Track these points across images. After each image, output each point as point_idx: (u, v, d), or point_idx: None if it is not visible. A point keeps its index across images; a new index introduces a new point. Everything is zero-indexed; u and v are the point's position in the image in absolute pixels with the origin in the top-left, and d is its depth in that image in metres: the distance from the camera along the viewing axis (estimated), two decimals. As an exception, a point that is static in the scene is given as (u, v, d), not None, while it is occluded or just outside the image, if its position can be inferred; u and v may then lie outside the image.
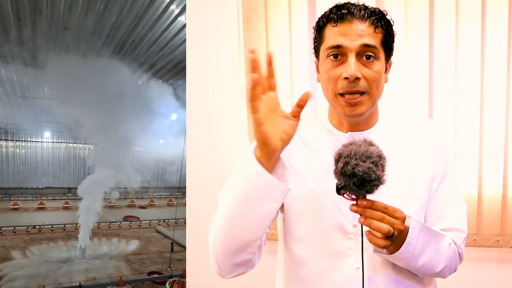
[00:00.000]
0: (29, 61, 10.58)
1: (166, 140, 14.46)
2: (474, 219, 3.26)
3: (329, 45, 1.53)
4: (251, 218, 1.43)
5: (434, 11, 3.24)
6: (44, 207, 14.03)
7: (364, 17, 1.51)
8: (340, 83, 1.51)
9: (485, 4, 3.16)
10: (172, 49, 10.46)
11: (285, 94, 3.43)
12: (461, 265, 1.68)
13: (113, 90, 9.99)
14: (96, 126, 10.42)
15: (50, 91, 12.61)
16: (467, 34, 3.21)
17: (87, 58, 9.94)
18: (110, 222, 12.41)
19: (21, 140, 16.09)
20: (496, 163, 3.23)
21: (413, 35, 3.26)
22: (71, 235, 10.70)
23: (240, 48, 3.55)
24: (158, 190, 18.97)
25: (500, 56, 3.18)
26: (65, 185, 17.04)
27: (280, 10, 3.39)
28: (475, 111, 3.24)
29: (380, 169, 1.27)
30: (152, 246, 10.51)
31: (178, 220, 12.79)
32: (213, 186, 3.69)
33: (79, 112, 10.66)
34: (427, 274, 1.61)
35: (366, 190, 1.29)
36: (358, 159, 1.26)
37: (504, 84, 3.19)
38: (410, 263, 1.50)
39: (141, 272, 8.40)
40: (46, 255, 9.29)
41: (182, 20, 8.72)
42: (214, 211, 3.82)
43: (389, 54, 1.61)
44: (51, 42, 9.63)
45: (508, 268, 3.36)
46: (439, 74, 3.28)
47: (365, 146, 1.29)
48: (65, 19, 8.56)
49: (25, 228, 11.19)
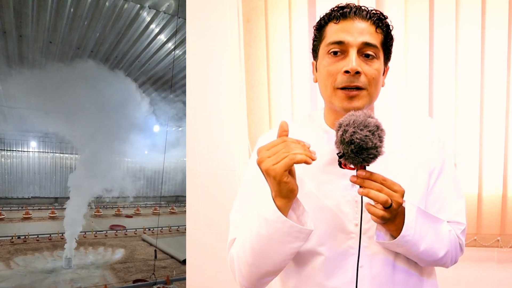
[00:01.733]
0: (15, 70, 10.58)
1: (150, 151, 14.50)
2: (474, 219, 3.28)
3: (331, 41, 1.55)
4: (277, 255, 1.49)
5: (434, 11, 3.27)
6: (30, 217, 13.88)
7: (366, 16, 1.54)
8: (339, 77, 1.52)
9: (485, 4, 3.20)
10: (153, 65, 10.62)
11: (285, 94, 3.43)
12: (461, 265, 1.69)
13: (100, 100, 9.97)
14: (81, 136, 10.37)
15: (36, 102, 12.55)
16: (467, 34, 3.24)
17: (74, 68, 9.94)
18: (96, 231, 12.31)
19: (6, 150, 15.97)
20: (496, 163, 3.25)
21: (413, 35, 3.28)
22: (57, 245, 10.58)
23: (240, 48, 3.54)
24: (144, 199, 18.96)
25: (500, 56, 3.21)
26: (52, 195, 16.86)
27: (280, 10, 3.40)
28: (475, 111, 3.26)
29: (377, 139, 1.31)
30: (137, 254, 10.43)
31: (162, 229, 12.94)
32: (213, 186, 3.69)
33: (65, 122, 10.61)
34: (430, 262, 1.60)
35: (363, 159, 1.33)
36: (356, 127, 1.32)
37: (504, 84, 3.22)
38: (412, 249, 1.50)
39: (127, 280, 8.34)
40: (31, 266, 9.16)
41: (162, 38, 8.89)
42: (214, 211, 3.82)
43: (388, 57, 1.64)
44: (37, 54, 9.65)
45: (508, 268, 3.37)
46: (439, 74, 3.30)
47: (363, 116, 1.33)
48: (50, 34, 8.67)
49: (9, 239, 11.05)
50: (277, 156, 1.32)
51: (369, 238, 1.57)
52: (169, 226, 13.39)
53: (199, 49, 3.65)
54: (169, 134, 12.47)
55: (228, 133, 3.65)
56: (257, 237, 1.47)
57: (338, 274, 1.59)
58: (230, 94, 3.62)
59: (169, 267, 9.28)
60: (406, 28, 3.27)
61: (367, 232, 1.57)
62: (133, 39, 8.98)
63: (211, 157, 3.72)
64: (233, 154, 3.64)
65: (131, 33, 8.67)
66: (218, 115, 3.67)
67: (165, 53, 9.71)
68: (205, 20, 3.61)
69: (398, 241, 1.47)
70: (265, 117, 3.47)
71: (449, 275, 3.39)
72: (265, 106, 3.46)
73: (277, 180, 1.34)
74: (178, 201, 18.67)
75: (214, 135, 3.70)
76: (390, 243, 1.50)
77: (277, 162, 1.31)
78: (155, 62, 10.47)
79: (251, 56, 3.46)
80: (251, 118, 3.50)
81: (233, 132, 3.64)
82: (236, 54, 3.57)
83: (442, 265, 1.64)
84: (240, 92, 3.59)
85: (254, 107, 3.48)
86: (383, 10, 3.26)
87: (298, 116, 3.47)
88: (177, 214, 16.45)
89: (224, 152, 3.68)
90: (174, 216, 15.87)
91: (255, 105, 3.48)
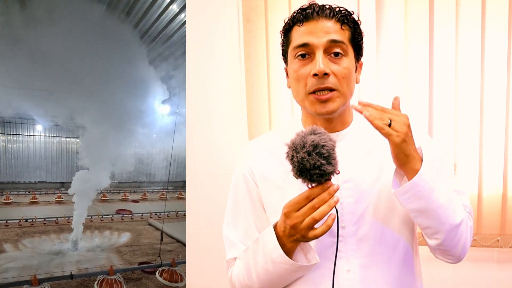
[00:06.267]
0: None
1: (158, 134, 14.43)
2: (474, 219, 3.28)
3: (296, 44, 1.52)
4: (284, 283, 1.57)
5: (434, 11, 3.25)
6: (36, 201, 13.94)
7: (330, 15, 1.51)
8: (309, 81, 1.49)
9: (485, 4, 3.17)
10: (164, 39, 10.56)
11: (285, 94, 3.43)
12: (461, 265, 1.66)
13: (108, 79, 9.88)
14: (87, 119, 10.32)
15: (41, 83, 12.49)
16: (467, 34, 3.22)
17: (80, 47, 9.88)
18: (102, 216, 12.36)
19: (12, 134, 15.99)
20: (496, 163, 3.25)
21: (413, 35, 3.26)
22: (63, 228, 10.66)
23: (240, 48, 3.54)
24: (151, 184, 18.96)
25: (500, 56, 3.19)
26: (58, 179, 16.86)
27: (280, 10, 3.38)
28: (475, 111, 3.24)
29: (315, 158, 1.28)
30: (143, 238, 10.50)
31: (169, 213, 12.93)
32: (213, 185, 3.71)
33: (72, 104, 10.56)
34: (446, 221, 1.47)
35: (310, 179, 1.31)
36: (294, 150, 1.30)
37: (504, 84, 3.20)
38: (431, 197, 1.41)
39: (132, 262, 8.42)
40: (38, 248, 9.25)
41: (174, 8, 8.87)
42: (213, 211, 3.83)
43: (359, 53, 1.60)
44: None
45: (508, 268, 3.38)
46: (439, 74, 3.28)
47: (301, 137, 1.31)
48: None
49: (17, 222, 11.13)
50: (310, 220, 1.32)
51: (358, 240, 1.56)
52: (176, 211, 13.41)
53: (199, 49, 3.65)
54: (180, 116, 12.47)
55: (228, 133, 3.67)
56: (264, 272, 1.50)
57: (327, 278, 1.54)
58: (230, 94, 3.63)
59: (175, 251, 9.35)
60: (406, 28, 3.25)
61: (355, 234, 1.57)
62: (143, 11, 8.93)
63: (211, 157, 3.73)
64: (233, 154, 3.65)
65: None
66: (218, 115, 3.68)
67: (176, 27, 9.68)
68: (205, 20, 3.61)
69: (419, 179, 1.38)
70: (265, 117, 3.47)
71: (449, 275, 3.41)
72: (265, 106, 3.46)
73: (306, 240, 1.37)
74: (186, 186, 18.57)
75: (214, 135, 3.71)
76: (408, 184, 1.40)
77: (313, 228, 1.34)
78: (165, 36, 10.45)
79: (251, 56, 3.45)
80: (251, 118, 3.50)
81: (233, 132, 3.65)
82: (236, 54, 3.57)
83: (456, 243, 1.54)
84: (240, 92, 3.59)
85: (254, 107, 3.48)
86: (383, 10, 3.26)
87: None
88: (185, 199, 16.37)
89: (224, 152, 3.69)
90: (182, 201, 15.69)
91: (255, 105, 3.48)
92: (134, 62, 10.74)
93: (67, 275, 6.95)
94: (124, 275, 7.29)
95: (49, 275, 7.11)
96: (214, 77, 3.65)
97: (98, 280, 6.74)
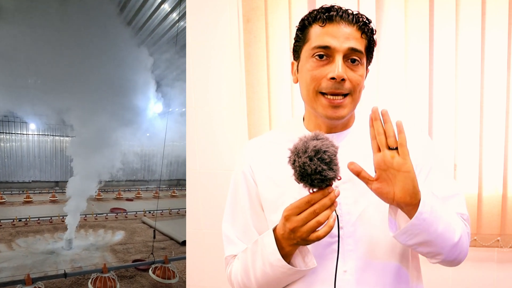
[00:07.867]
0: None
1: (151, 133, 14.43)
2: (474, 219, 3.29)
3: (316, 45, 1.51)
4: (282, 284, 1.59)
5: (434, 11, 3.25)
6: (30, 200, 13.89)
7: (352, 21, 1.51)
8: (324, 82, 1.50)
9: (485, 4, 3.18)
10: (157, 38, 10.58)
11: (285, 94, 3.43)
12: (461, 265, 1.64)
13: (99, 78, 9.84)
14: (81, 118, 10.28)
15: (34, 81, 12.43)
16: (467, 34, 3.22)
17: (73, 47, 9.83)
18: (96, 214, 12.33)
19: (5, 133, 15.88)
20: (496, 163, 3.25)
21: (413, 35, 3.27)
22: (57, 227, 10.62)
23: (240, 48, 3.54)
24: (145, 183, 18.93)
25: (500, 56, 3.20)
26: (52, 178, 16.77)
27: (280, 10, 3.38)
28: (475, 111, 3.25)
29: (316, 163, 1.28)
30: (137, 236, 10.49)
31: (163, 211, 13.04)
32: (213, 185, 3.71)
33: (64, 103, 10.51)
34: (446, 245, 1.47)
35: (311, 184, 1.32)
36: (296, 155, 1.31)
37: (504, 84, 3.21)
38: (430, 230, 1.40)
39: (126, 260, 8.42)
40: (32, 247, 9.20)
41: (166, 8, 8.87)
42: (213, 210, 3.83)
43: (369, 61, 1.62)
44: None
45: (508, 268, 3.39)
46: (439, 74, 3.29)
47: (303, 142, 1.31)
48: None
49: (11, 221, 11.08)
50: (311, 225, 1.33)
51: (356, 241, 1.57)
52: (170, 209, 13.42)
53: (199, 49, 3.64)
54: (171, 115, 12.45)
55: (228, 133, 3.67)
56: (262, 274, 1.52)
57: (325, 279, 1.57)
58: (230, 94, 3.63)
59: (168, 248, 9.36)
60: (406, 28, 3.26)
61: (352, 234, 1.57)
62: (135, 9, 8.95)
63: (211, 157, 3.73)
64: (233, 154, 3.65)
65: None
66: (218, 114, 3.67)
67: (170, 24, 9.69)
68: (205, 20, 3.60)
69: (417, 220, 1.36)
70: (265, 117, 3.47)
71: (449, 275, 3.42)
72: (265, 106, 3.46)
73: (306, 243, 1.38)
74: (179, 184, 18.58)
75: (214, 135, 3.71)
76: (407, 226, 1.38)
77: (315, 231, 1.33)
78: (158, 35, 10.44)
79: (251, 56, 3.45)
80: (251, 118, 3.49)
81: (233, 132, 3.65)
82: (236, 54, 3.56)
83: (456, 256, 1.53)
84: (240, 92, 3.59)
85: (254, 107, 3.48)
86: (383, 10, 3.25)
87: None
88: (178, 197, 16.41)
89: (224, 152, 3.69)
90: (175, 200, 15.79)
91: (255, 105, 3.47)
92: (125, 62, 10.71)
93: (61, 273, 6.92)
94: (117, 273, 7.28)
95: (43, 274, 7.08)
96: (214, 77, 3.65)
97: (92, 278, 6.73)
